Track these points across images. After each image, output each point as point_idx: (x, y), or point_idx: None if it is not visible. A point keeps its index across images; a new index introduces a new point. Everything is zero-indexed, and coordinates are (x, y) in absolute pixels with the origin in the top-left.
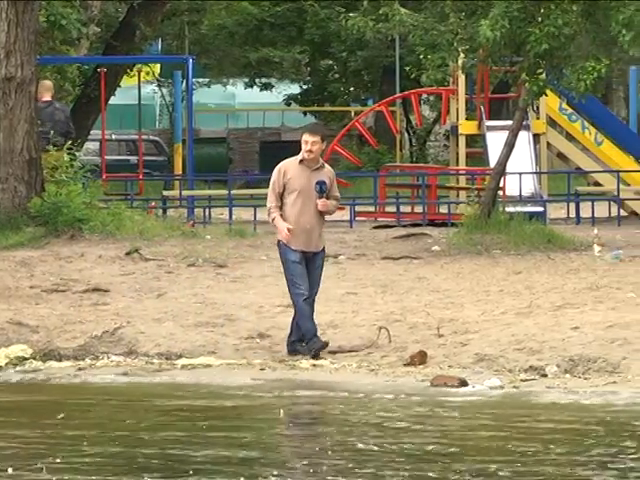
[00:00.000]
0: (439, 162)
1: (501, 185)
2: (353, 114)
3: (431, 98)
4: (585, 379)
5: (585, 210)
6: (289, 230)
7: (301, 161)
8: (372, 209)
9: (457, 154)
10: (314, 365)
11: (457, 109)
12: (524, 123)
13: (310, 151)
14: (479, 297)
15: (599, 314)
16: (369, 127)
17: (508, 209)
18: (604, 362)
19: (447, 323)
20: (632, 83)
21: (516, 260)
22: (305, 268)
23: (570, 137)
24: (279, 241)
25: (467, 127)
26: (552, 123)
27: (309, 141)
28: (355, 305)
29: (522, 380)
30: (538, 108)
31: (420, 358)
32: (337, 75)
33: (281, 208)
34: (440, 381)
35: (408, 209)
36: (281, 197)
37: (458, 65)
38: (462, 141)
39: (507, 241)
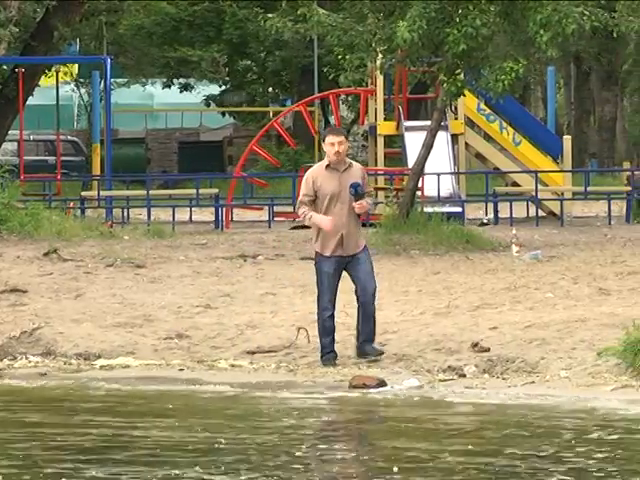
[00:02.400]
0: (358, 162)
1: (419, 185)
2: (272, 114)
3: (349, 98)
4: (503, 379)
5: (503, 210)
6: (329, 222)
7: (327, 166)
8: (291, 209)
9: (375, 154)
10: (233, 365)
11: (375, 109)
12: (442, 123)
13: (338, 152)
14: (398, 297)
15: (517, 314)
16: (287, 127)
17: (426, 209)
18: (522, 362)
19: None
20: (550, 83)
21: (434, 260)
22: (338, 281)
23: (488, 137)
24: (316, 253)
25: (385, 128)
26: (470, 123)
27: (335, 142)
28: (274, 305)
29: (440, 380)
30: (456, 108)
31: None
32: (255, 75)
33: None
34: (359, 381)
35: None
36: (312, 203)
37: (376, 65)
38: (380, 141)
39: (425, 241)
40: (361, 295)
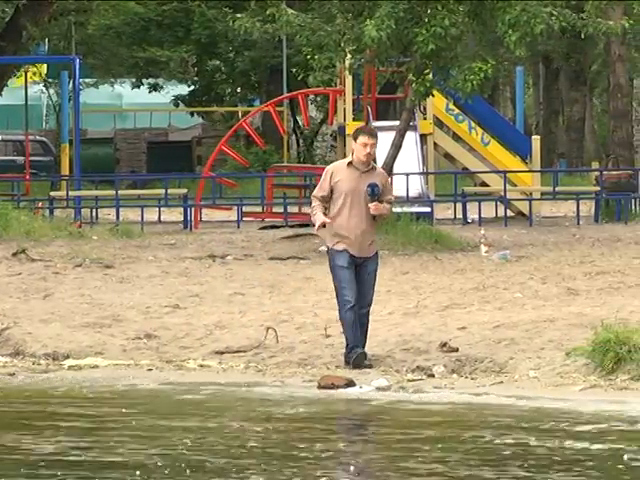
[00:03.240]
0: (326, 163)
1: None
2: (240, 114)
3: (318, 98)
4: (472, 379)
5: (472, 210)
6: (325, 223)
7: (350, 163)
8: (259, 209)
9: (344, 155)
10: (201, 366)
11: (344, 110)
12: (411, 124)
13: (369, 154)
14: None
15: (486, 314)
16: (256, 127)
17: (395, 210)
18: (491, 362)
19: (335, 323)
20: (518, 83)
21: (403, 260)
22: (353, 274)
23: (457, 137)
24: (329, 247)
25: (354, 128)
26: (439, 123)
27: (369, 143)
28: (242, 305)
29: (409, 380)
30: (425, 109)
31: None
32: (224, 75)
33: (327, 210)
34: (327, 381)
35: (295, 209)
36: (329, 199)
37: (345, 66)
38: (349, 142)
39: (394, 241)
40: (358, 306)
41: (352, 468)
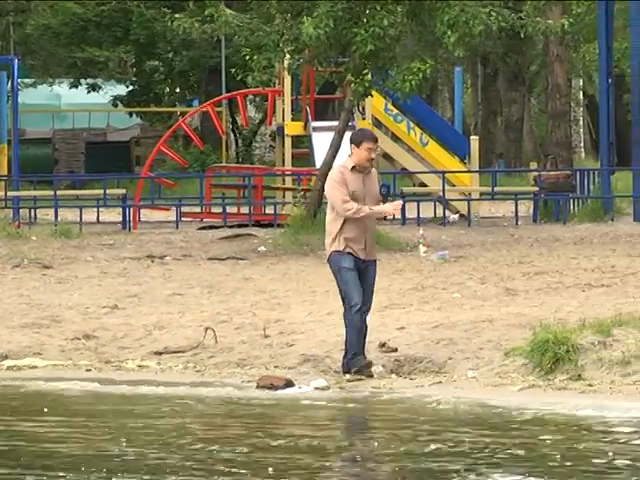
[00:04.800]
0: (265, 163)
1: None
2: (179, 115)
3: (257, 99)
4: (411, 379)
5: (411, 211)
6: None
7: (353, 167)
8: (198, 210)
9: (283, 155)
10: (140, 366)
11: (283, 110)
12: (350, 124)
13: (373, 159)
14: (305, 298)
15: (425, 314)
16: (195, 128)
17: None
18: (430, 362)
19: (273, 324)
20: (457, 84)
21: None
22: (358, 278)
23: (396, 138)
24: (331, 254)
25: (293, 128)
26: (378, 124)
27: (374, 148)
28: (181, 306)
29: (348, 380)
30: (364, 109)
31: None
32: (163, 76)
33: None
34: (266, 381)
35: (234, 210)
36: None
37: (284, 66)
38: (288, 142)
39: None
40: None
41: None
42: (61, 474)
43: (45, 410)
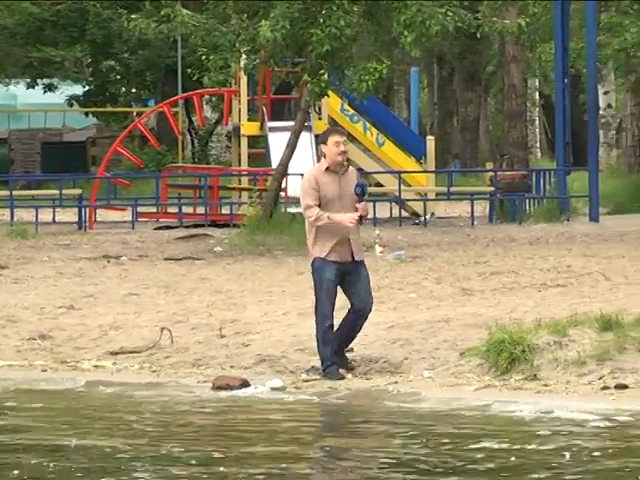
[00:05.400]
0: (221, 163)
1: (283, 186)
2: (135, 115)
3: (213, 99)
4: (367, 379)
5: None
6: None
7: (327, 168)
8: (154, 210)
9: (239, 155)
10: (96, 366)
11: (239, 110)
12: (306, 124)
13: (344, 152)
14: (261, 298)
15: (381, 314)
16: (151, 128)
17: (290, 210)
18: (385, 362)
19: (229, 324)
20: (413, 84)
21: (298, 261)
22: (337, 290)
23: (352, 138)
24: (315, 259)
25: (249, 128)
26: (334, 124)
27: (341, 141)
28: (137, 306)
29: (304, 381)
30: (320, 109)
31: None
32: (119, 76)
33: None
34: (222, 382)
35: (190, 210)
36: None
37: (240, 66)
38: (244, 142)
39: (289, 242)
40: (358, 311)
41: None
42: None
43: None
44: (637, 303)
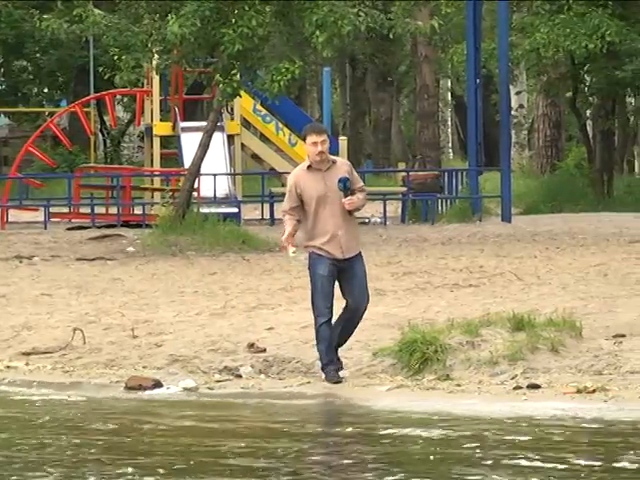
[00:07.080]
0: (133, 163)
1: (195, 186)
2: (47, 115)
3: (125, 99)
4: (280, 379)
5: (280, 211)
6: (289, 242)
7: (309, 167)
8: (67, 210)
9: (152, 155)
10: (8, 367)
11: (151, 110)
12: (218, 124)
13: (322, 152)
14: (174, 298)
15: (293, 315)
16: (63, 128)
17: (203, 210)
18: (298, 362)
19: (142, 324)
20: (325, 84)
21: (211, 261)
22: (333, 286)
23: (264, 138)
24: (310, 254)
25: (161, 128)
26: (246, 124)
27: (318, 141)
28: (50, 306)
29: (217, 381)
30: (232, 109)
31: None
32: (31, 76)
33: (302, 219)
34: (135, 382)
35: (103, 210)
36: (301, 209)
37: (152, 66)
38: (157, 142)
39: (202, 242)
40: (352, 310)
41: None
42: None
43: None
44: (549, 303)
